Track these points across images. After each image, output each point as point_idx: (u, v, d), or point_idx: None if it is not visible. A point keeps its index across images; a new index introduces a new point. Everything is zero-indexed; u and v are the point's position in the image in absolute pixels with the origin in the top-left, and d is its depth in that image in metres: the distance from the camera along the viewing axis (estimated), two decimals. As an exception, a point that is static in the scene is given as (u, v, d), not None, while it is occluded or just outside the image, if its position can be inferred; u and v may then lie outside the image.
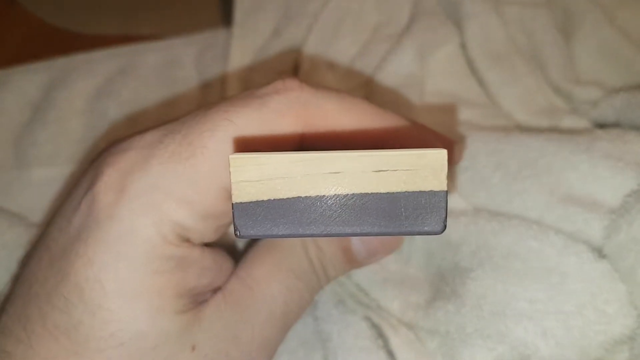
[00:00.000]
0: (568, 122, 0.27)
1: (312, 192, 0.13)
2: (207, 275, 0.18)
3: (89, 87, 0.34)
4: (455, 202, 0.25)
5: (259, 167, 0.13)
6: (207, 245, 0.18)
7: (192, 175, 0.16)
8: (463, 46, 0.31)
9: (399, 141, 0.19)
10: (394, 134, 0.19)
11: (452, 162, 0.21)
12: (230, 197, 0.15)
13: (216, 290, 0.18)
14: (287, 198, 0.13)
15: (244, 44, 0.33)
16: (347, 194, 0.13)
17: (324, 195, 0.13)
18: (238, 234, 0.13)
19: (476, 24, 0.30)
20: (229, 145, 0.16)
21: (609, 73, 0.29)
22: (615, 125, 0.26)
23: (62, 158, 0.32)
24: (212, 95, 0.33)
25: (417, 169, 0.13)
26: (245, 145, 0.16)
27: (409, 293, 0.23)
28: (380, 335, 0.23)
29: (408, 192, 0.13)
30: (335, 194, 0.13)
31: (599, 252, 0.22)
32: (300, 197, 0.13)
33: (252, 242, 0.21)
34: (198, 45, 0.36)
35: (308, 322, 0.25)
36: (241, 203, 0.13)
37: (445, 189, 0.13)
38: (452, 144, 0.23)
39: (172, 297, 0.16)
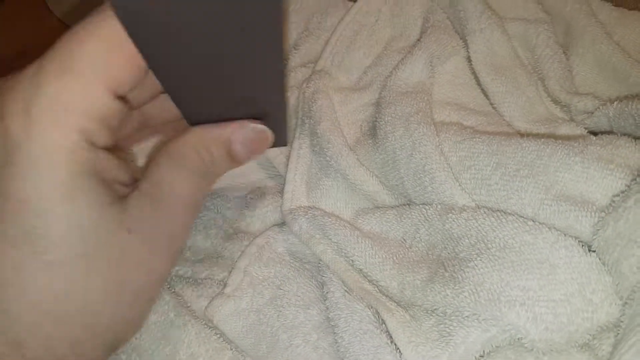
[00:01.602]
0: (564, 129, 0.29)
1: None
2: (116, 172, 0.21)
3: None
4: (459, 198, 0.27)
5: None
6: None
7: (82, 86, 0.19)
8: (469, 59, 0.33)
9: None
10: None
11: None
12: (115, 95, 0.19)
13: (128, 186, 0.22)
14: None
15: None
16: None
17: None
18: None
19: (481, 38, 0.33)
20: (105, 53, 0.19)
21: (606, 85, 0.31)
22: (609, 133, 0.28)
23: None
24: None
25: None
26: None
27: (407, 273, 0.25)
28: (383, 320, 0.25)
29: None
30: None
31: (588, 247, 0.24)
32: None
33: (153, 155, 0.24)
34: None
35: (321, 309, 0.27)
36: None
37: None
38: None
39: (98, 192, 0.20)
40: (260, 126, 0.23)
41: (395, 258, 0.27)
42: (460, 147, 0.28)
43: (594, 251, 0.24)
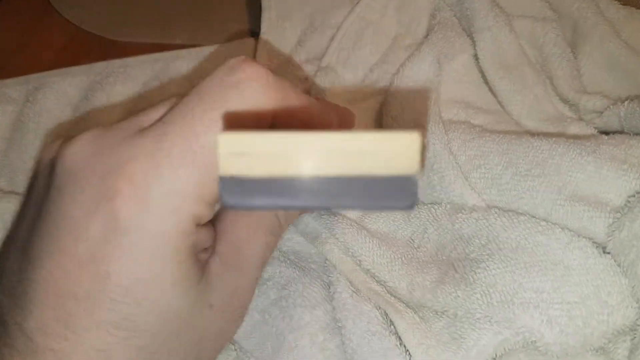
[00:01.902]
0: (574, 129, 0.29)
1: (292, 171, 0.14)
2: (206, 241, 0.20)
3: (127, 90, 0.36)
4: (468, 197, 0.26)
5: (245, 144, 0.14)
6: None
7: (199, 175, 0.18)
8: (476, 57, 0.33)
9: (311, 117, 0.21)
10: (307, 110, 0.21)
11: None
12: None
13: (207, 250, 0.21)
14: (268, 176, 0.14)
15: (270, 53, 0.36)
16: (324, 175, 0.14)
17: (304, 174, 0.14)
18: (224, 204, 0.15)
19: (489, 36, 0.32)
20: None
21: (615, 84, 0.31)
22: (619, 132, 0.28)
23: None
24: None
25: (390, 152, 0.14)
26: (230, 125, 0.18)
27: (416, 274, 0.25)
28: (392, 321, 0.24)
29: (381, 175, 0.14)
30: (315, 174, 0.14)
31: (603, 248, 0.23)
32: (280, 175, 0.14)
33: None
34: (227, 54, 0.38)
35: (327, 310, 0.26)
36: (226, 176, 0.14)
37: (416, 171, 0.14)
38: (352, 117, 0.25)
39: (193, 273, 0.19)
40: None
41: (403, 258, 0.26)
42: (469, 145, 0.27)
43: (609, 253, 0.23)
